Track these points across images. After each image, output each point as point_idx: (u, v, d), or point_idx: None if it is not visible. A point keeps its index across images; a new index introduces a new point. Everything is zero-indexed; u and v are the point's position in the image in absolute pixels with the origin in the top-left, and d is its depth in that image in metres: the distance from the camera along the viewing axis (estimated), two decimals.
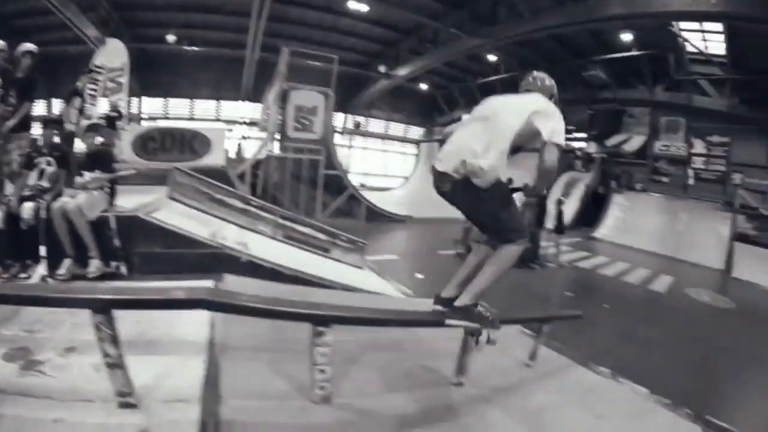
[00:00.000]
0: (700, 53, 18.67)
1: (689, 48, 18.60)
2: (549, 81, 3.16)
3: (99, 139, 4.80)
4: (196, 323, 2.88)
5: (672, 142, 21.71)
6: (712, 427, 3.91)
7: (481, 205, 2.60)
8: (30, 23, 15.65)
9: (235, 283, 4.02)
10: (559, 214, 11.88)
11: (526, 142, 2.87)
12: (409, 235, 13.43)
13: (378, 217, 15.11)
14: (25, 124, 5.10)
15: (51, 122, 5.13)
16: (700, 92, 20.13)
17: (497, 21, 18.12)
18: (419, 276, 8.71)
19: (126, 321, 2.10)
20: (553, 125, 2.72)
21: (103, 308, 1.95)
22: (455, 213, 3.00)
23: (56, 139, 4.92)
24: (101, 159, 4.62)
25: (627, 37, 19.33)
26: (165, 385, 2.23)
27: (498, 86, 28.26)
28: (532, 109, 2.74)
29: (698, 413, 4.09)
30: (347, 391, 2.55)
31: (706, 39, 17.99)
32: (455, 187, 2.55)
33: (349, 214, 14.96)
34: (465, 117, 3.63)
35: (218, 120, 23.03)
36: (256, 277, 4.54)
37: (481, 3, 18.41)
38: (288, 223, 6.73)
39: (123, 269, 4.38)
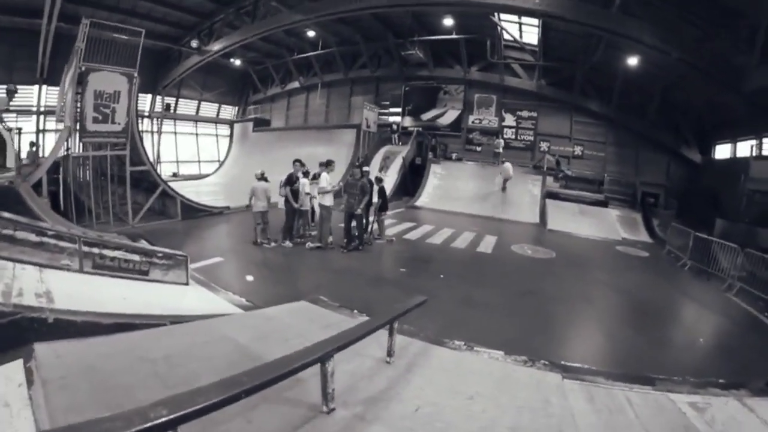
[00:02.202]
0: (516, 41, 21.80)
1: (506, 36, 21.40)
2: None
3: None
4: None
5: (484, 116, 24.50)
6: (567, 370, 4.30)
7: None
8: None
9: (49, 354, 3.11)
10: (381, 192, 11.85)
11: None
12: (229, 229, 12.55)
13: (195, 213, 13.83)
14: None
15: None
16: (512, 74, 23.67)
17: None
18: (250, 278, 8.17)
19: None
20: None
21: None
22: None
23: None
24: None
25: (449, 22, 20.98)
26: None
27: (314, 62, 28.22)
28: None
29: (553, 362, 4.53)
30: None
31: (523, 30, 21.04)
32: None
33: (164, 214, 13.31)
34: None
35: (8, 110, 18.35)
36: (71, 335, 3.54)
37: None
38: (95, 250, 5.58)
39: None
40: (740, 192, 16.87)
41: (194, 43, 22.89)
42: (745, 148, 18.86)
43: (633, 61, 18.60)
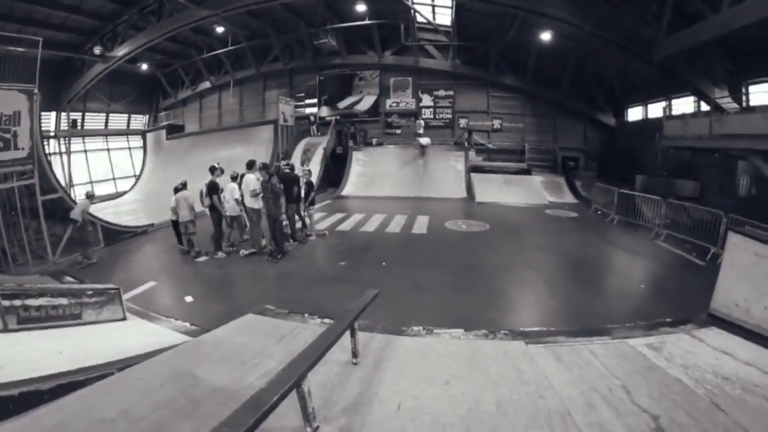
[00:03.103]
0: (429, 23, 22.17)
1: (420, 18, 21.72)
2: None
3: None
4: None
5: (401, 99, 24.62)
6: (528, 336, 4.50)
7: None
8: None
9: None
10: (309, 185, 11.71)
11: None
12: (158, 248, 11.74)
13: (118, 236, 12.78)
14: None
15: None
16: (426, 55, 23.92)
17: None
18: (189, 299, 7.67)
19: None
20: None
21: None
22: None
23: None
24: None
25: (362, 7, 20.93)
26: None
27: (224, 60, 27.16)
28: None
29: (513, 330, 4.73)
30: None
31: (435, 12, 21.45)
32: None
33: (85, 242, 12.17)
34: None
35: None
36: (12, 414, 3.00)
37: None
38: (16, 303, 4.99)
39: None
40: (656, 149, 18.43)
41: (97, 50, 21.28)
42: (656, 110, 20.54)
43: (547, 36, 19.45)
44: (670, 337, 4.25)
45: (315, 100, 26.45)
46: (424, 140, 21.62)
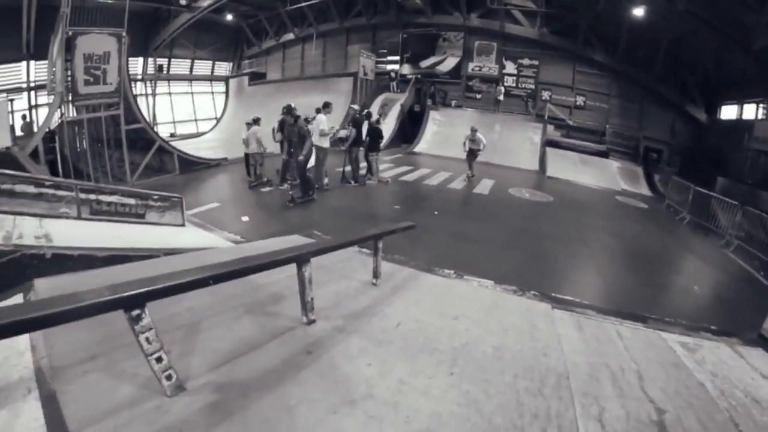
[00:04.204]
0: None
1: None
2: None
3: None
4: (17, 355, 2.32)
5: (484, 63, 23.93)
6: (558, 302, 4.34)
7: None
8: None
9: (49, 287, 3.27)
10: (373, 131, 11.78)
11: None
12: (228, 178, 12.81)
13: (192, 166, 13.99)
14: None
15: None
16: (513, 21, 22.85)
17: None
18: (245, 219, 8.43)
19: None
20: None
21: None
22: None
23: None
24: None
25: None
26: None
27: (308, 12, 27.52)
28: None
29: (543, 292, 4.59)
30: (198, 368, 2.31)
31: None
32: None
33: (162, 170, 13.43)
34: None
35: None
36: (68, 270, 3.77)
37: None
38: (92, 197, 5.78)
39: None
40: (744, 153, 16.60)
41: (183, 0, 22.23)
42: (752, 111, 18.34)
43: (639, 11, 17.85)
44: (709, 344, 3.81)
45: (397, 57, 26.26)
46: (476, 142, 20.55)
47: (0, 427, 1.86)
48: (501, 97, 22.81)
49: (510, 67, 24.22)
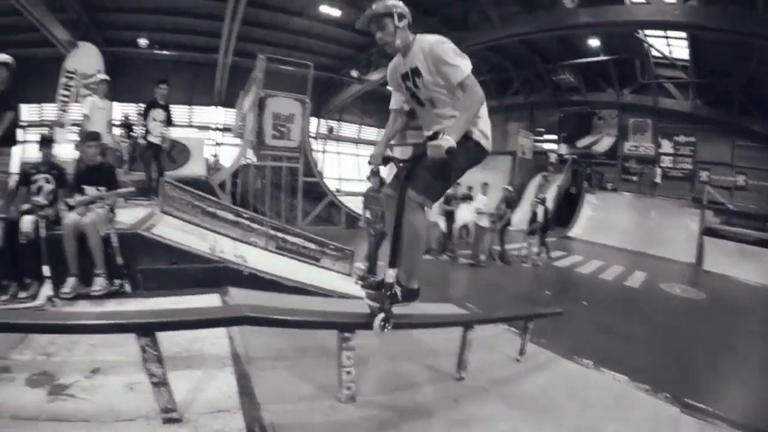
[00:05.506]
0: (665, 58, 19.70)
1: (654, 53, 19.59)
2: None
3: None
4: (214, 337, 3.04)
5: (640, 143, 22.80)
6: (690, 408, 4.07)
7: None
8: None
9: (240, 296, 4.15)
10: (535, 215, 12.12)
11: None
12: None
13: (357, 223, 15.28)
14: (8, 136, 4.94)
15: (47, 140, 4.81)
16: (666, 95, 21.37)
17: (468, 27, 18.60)
18: None
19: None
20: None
21: (148, 331, 2.03)
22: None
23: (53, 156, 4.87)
24: (105, 174, 4.56)
25: (595, 42, 20.17)
26: (202, 398, 2.32)
27: None
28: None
29: (676, 396, 4.32)
30: (365, 390, 2.76)
31: (670, 44, 18.93)
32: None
33: (328, 221, 15.05)
34: None
35: (191, 126, 22.80)
36: (256, 288, 4.64)
37: (452, 9, 18.72)
38: (279, 234, 6.86)
39: (127, 287, 4.24)
40: None
41: (354, 73, 24.76)
42: None
43: None
44: None
45: (554, 137, 26.13)
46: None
47: (196, 382, 2.51)
48: (658, 179, 21.09)
49: (666, 146, 22.37)
